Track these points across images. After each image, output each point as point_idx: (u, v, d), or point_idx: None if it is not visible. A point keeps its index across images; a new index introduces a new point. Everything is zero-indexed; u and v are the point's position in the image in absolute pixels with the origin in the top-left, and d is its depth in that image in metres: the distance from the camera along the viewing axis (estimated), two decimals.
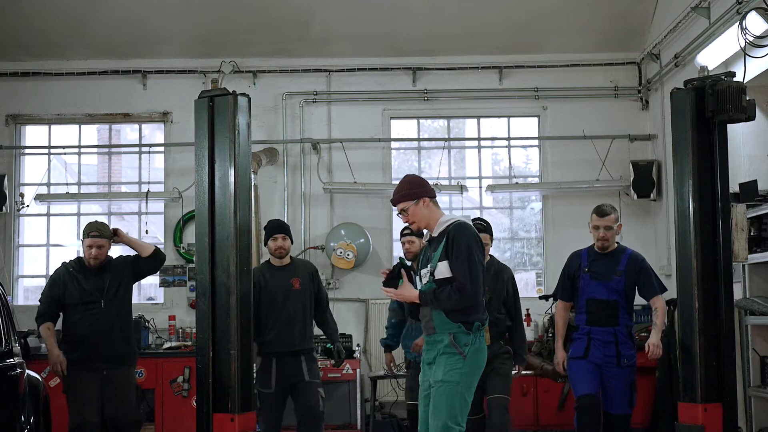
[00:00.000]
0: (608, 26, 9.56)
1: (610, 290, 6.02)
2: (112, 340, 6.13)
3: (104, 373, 6.09)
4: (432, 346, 4.71)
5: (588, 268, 6.11)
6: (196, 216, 5.67)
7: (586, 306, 6.07)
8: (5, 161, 9.79)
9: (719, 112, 5.56)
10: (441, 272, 4.65)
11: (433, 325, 4.68)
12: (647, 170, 9.36)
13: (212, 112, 5.56)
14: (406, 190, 4.85)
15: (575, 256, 6.27)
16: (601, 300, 6.01)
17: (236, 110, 5.51)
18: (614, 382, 6.00)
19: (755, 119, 5.87)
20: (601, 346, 6.00)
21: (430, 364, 4.70)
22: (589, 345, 6.02)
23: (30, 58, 9.81)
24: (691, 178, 5.63)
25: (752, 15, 6.71)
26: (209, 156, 5.53)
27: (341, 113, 9.92)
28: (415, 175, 5.09)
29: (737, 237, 5.70)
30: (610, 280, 6.02)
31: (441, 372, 4.60)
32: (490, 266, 5.93)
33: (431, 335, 4.71)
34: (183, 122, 9.60)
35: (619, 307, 6.01)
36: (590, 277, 6.07)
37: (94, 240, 6.21)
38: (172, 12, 9.38)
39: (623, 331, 6.03)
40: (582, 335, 6.09)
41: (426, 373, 4.74)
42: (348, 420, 8.57)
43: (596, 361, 6.00)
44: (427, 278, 4.75)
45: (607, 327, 6.00)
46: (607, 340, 5.99)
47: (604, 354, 5.99)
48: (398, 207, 4.86)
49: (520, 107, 10.00)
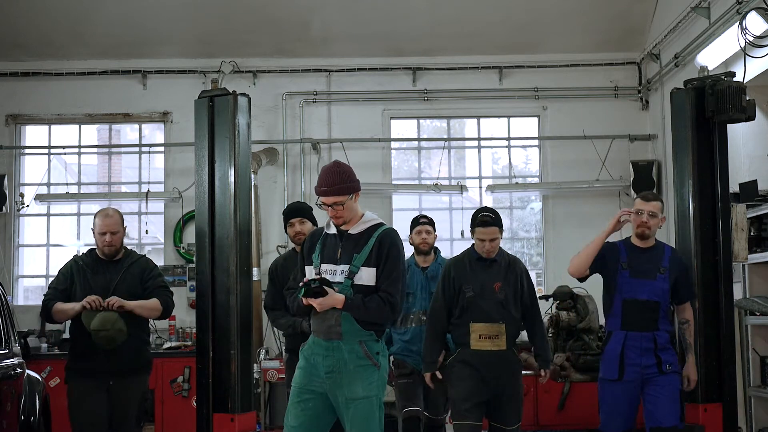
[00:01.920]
0: (608, 26, 9.56)
1: (652, 290, 5.24)
2: (124, 347, 5.48)
3: (111, 383, 5.51)
4: (332, 353, 4.25)
5: (627, 263, 5.31)
6: (196, 216, 5.67)
7: (622, 308, 5.26)
8: (5, 161, 9.79)
9: (719, 112, 5.56)
10: (363, 279, 4.26)
11: (339, 331, 4.23)
12: (647, 170, 9.36)
13: (212, 112, 5.55)
14: (344, 182, 4.28)
15: (612, 246, 5.42)
16: (641, 301, 5.23)
17: (236, 110, 5.51)
18: (660, 389, 5.17)
19: (755, 119, 5.86)
20: (638, 355, 5.18)
21: (331, 373, 4.24)
22: (623, 360, 5.19)
23: (30, 58, 9.81)
24: (691, 178, 5.62)
25: (752, 15, 6.71)
26: (209, 156, 5.53)
27: (341, 113, 9.92)
28: (344, 163, 4.46)
29: (737, 237, 5.70)
30: (654, 278, 5.26)
31: (360, 387, 4.24)
32: (501, 260, 5.46)
33: (333, 341, 4.25)
34: (183, 122, 9.60)
35: (660, 309, 5.24)
36: (630, 275, 5.28)
37: (107, 223, 5.58)
38: (172, 12, 9.38)
39: (664, 338, 5.24)
40: (615, 344, 5.25)
41: (314, 380, 4.28)
42: None
43: (634, 380, 5.18)
44: (339, 277, 4.28)
45: (645, 332, 5.20)
46: (645, 347, 5.19)
47: (641, 365, 5.17)
48: (331, 200, 4.26)
49: (520, 107, 10.00)
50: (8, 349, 5.87)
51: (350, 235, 4.34)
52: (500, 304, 5.31)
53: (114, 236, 5.60)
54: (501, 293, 5.32)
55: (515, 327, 5.40)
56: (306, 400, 4.29)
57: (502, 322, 5.28)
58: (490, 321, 5.28)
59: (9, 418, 5.54)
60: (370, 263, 4.27)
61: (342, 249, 4.32)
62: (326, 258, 4.35)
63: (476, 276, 5.37)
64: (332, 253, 4.35)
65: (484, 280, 5.35)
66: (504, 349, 5.29)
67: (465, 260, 5.47)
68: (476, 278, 5.36)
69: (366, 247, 4.29)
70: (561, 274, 7.82)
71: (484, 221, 5.35)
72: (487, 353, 5.27)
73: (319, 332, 4.31)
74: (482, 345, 5.28)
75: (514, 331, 5.38)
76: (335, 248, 4.35)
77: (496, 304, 5.31)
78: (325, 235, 4.43)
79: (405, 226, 6.47)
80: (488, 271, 5.39)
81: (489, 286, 5.34)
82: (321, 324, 4.29)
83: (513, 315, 5.35)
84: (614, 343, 5.27)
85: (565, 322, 6.83)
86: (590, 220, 9.52)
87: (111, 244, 5.60)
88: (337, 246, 4.35)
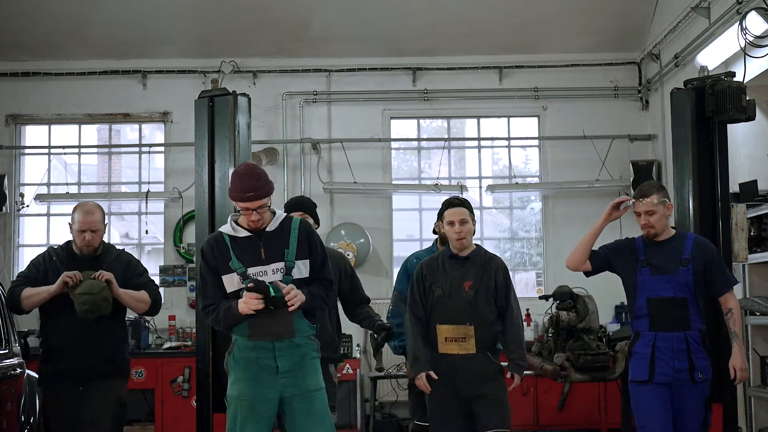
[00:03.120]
0: (608, 26, 9.56)
1: (676, 285, 4.87)
2: (94, 349, 5.04)
3: (80, 389, 5.06)
4: (285, 352, 4.17)
5: (647, 260, 4.97)
6: (196, 216, 5.68)
7: (647, 307, 4.91)
8: (5, 161, 9.79)
9: (719, 112, 5.57)
10: (301, 272, 4.25)
11: (293, 329, 4.19)
12: (647, 170, 9.35)
13: (212, 112, 5.57)
14: (266, 184, 4.25)
15: (629, 242, 5.15)
16: (666, 298, 4.86)
17: (236, 110, 5.52)
18: (686, 400, 4.85)
19: (755, 119, 5.87)
20: (670, 357, 4.82)
21: (288, 372, 4.16)
22: (653, 361, 4.84)
23: (30, 58, 9.81)
24: (691, 178, 5.63)
25: (752, 15, 6.71)
26: (209, 156, 5.54)
27: (341, 113, 9.92)
28: (256, 164, 4.40)
29: (737, 237, 5.70)
30: (675, 272, 4.88)
31: (317, 379, 4.24)
32: (475, 258, 5.01)
33: (285, 340, 4.17)
34: (183, 122, 9.60)
35: (689, 305, 4.87)
36: (650, 272, 4.93)
37: (88, 220, 5.09)
38: (172, 12, 9.38)
39: (696, 337, 4.87)
40: (644, 347, 4.89)
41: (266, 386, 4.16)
42: (348, 420, 8.57)
43: (664, 381, 4.84)
44: (274, 276, 4.20)
45: (675, 332, 4.84)
46: (677, 348, 4.83)
47: (674, 368, 4.82)
48: (257, 204, 4.19)
49: (520, 107, 10.00)
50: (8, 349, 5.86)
51: (269, 233, 4.26)
52: (469, 304, 4.87)
53: (94, 234, 5.12)
54: (471, 292, 4.88)
55: (487, 329, 4.89)
56: (263, 410, 4.16)
57: (470, 323, 4.84)
58: (456, 323, 4.86)
59: (9, 418, 5.54)
60: (303, 255, 4.26)
61: (264, 248, 4.22)
62: (247, 261, 4.19)
63: (447, 275, 4.97)
64: (254, 255, 4.21)
65: (455, 279, 4.94)
66: (473, 353, 4.84)
67: (438, 258, 5.09)
68: (446, 277, 4.96)
69: (292, 241, 4.25)
70: (561, 274, 7.81)
71: (451, 203, 5.02)
72: (454, 357, 4.85)
73: (265, 335, 4.17)
74: (449, 348, 4.87)
75: (486, 334, 4.89)
76: (255, 249, 4.22)
77: (464, 304, 4.87)
78: (232, 239, 4.25)
79: (405, 226, 6.47)
80: (460, 269, 4.97)
81: (459, 285, 4.92)
82: (271, 326, 4.16)
83: (485, 316, 4.88)
84: (643, 345, 4.90)
85: (565, 322, 6.82)
86: (590, 220, 9.41)
87: (90, 244, 5.13)
88: (256, 246, 4.22)
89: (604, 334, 7.53)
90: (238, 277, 4.19)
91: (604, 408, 8.13)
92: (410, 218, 10.19)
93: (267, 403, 4.17)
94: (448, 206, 5.02)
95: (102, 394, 5.07)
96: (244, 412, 4.15)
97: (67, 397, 5.06)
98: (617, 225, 9.33)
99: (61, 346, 5.05)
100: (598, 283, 5.60)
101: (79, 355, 5.01)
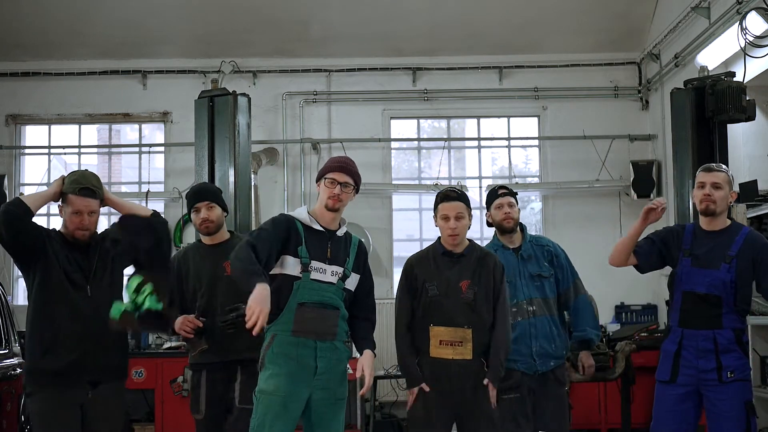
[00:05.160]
0: (608, 26, 9.56)
1: (712, 282, 4.47)
2: (102, 343, 4.24)
3: (88, 395, 4.23)
4: (326, 353, 4.08)
5: (690, 250, 4.55)
6: None
7: (682, 301, 4.54)
8: (5, 161, 9.79)
9: (719, 112, 5.58)
10: (350, 284, 4.28)
11: (336, 331, 4.14)
12: (647, 170, 9.36)
13: (212, 112, 5.58)
14: (358, 173, 4.31)
15: (677, 231, 4.71)
16: (700, 294, 4.48)
17: (236, 110, 5.53)
18: (720, 404, 4.41)
19: (755, 119, 5.88)
20: (696, 357, 4.46)
21: (324, 374, 4.06)
22: (677, 361, 4.50)
23: (30, 58, 9.81)
24: (691, 178, 5.64)
25: (752, 15, 6.71)
26: (209, 156, 5.55)
27: (341, 113, 9.92)
28: None
29: None
30: (717, 267, 4.47)
31: (345, 387, 4.19)
32: (470, 254, 4.60)
33: (326, 341, 4.09)
34: (183, 122, 9.59)
35: (723, 304, 4.46)
36: (691, 263, 4.53)
37: (85, 202, 4.35)
38: (172, 12, 9.38)
39: (727, 336, 4.46)
40: (671, 343, 4.56)
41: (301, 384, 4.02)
42: (348, 420, 8.56)
43: (689, 384, 4.48)
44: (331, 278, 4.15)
45: (704, 330, 4.46)
46: (703, 347, 4.45)
47: (698, 369, 4.44)
48: (345, 179, 4.19)
49: (520, 107, 10.00)
50: (8, 349, 5.88)
51: (337, 237, 4.20)
52: (467, 305, 4.48)
53: (92, 218, 4.38)
54: (469, 293, 4.50)
55: (485, 334, 4.49)
56: (294, 409, 4.04)
57: (467, 326, 4.44)
58: (453, 325, 4.45)
59: (9, 418, 5.55)
60: (357, 269, 4.23)
61: (331, 249, 4.16)
62: (314, 255, 4.10)
63: (441, 273, 4.55)
64: (321, 251, 4.12)
65: (450, 278, 4.53)
66: (469, 359, 4.44)
67: (429, 255, 4.65)
68: (441, 275, 4.54)
69: (352, 252, 4.23)
70: None
71: (446, 195, 4.57)
72: (448, 363, 4.45)
73: (309, 332, 4.05)
74: (443, 352, 4.46)
75: (483, 339, 4.48)
76: (323, 246, 4.14)
77: (462, 305, 4.48)
78: (307, 228, 4.13)
79: (405, 226, 6.46)
80: (455, 267, 4.55)
81: (455, 284, 4.51)
82: (316, 324, 4.06)
83: (483, 319, 4.49)
84: (670, 342, 4.57)
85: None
86: (590, 220, 9.55)
87: (86, 228, 4.35)
88: (324, 244, 4.15)
89: (604, 334, 7.54)
90: (300, 266, 4.06)
91: (604, 408, 8.12)
92: (410, 218, 10.20)
93: (299, 402, 4.04)
94: (444, 199, 4.57)
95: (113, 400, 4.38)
96: (276, 408, 3.99)
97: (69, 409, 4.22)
98: (617, 225, 9.38)
99: (71, 333, 4.20)
100: (598, 283, 5.59)
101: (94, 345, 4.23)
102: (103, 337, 4.22)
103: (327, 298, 4.10)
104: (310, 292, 4.06)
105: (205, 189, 4.90)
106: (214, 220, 4.74)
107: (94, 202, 4.39)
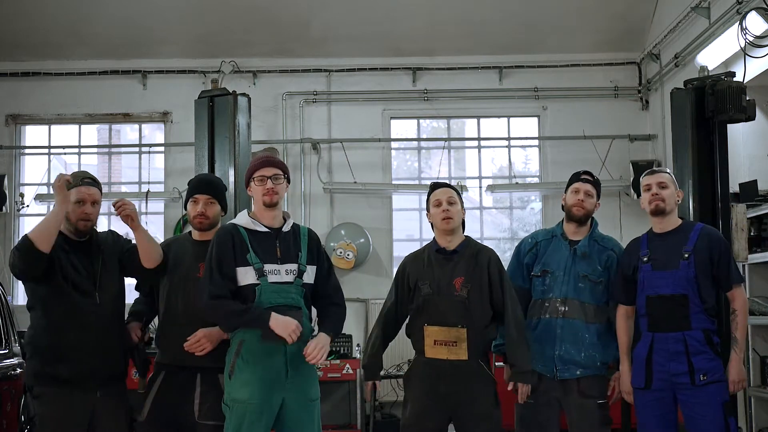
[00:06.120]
0: (608, 26, 9.57)
1: (676, 281, 4.44)
2: (111, 349, 4.31)
3: (97, 395, 4.24)
4: (297, 356, 4.01)
5: (648, 255, 4.55)
6: None
7: (648, 306, 4.50)
8: (5, 161, 9.80)
9: (719, 112, 5.56)
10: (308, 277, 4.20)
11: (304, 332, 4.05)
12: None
13: (212, 112, 5.58)
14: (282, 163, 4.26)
15: (634, 244, 4.71)
16: (665, 296, 4.45)
17: (236, 110, 5.53)
18: (695, 407, 4.38)
19: (755, 119, 5.87)
20: (667, 360, 4.42)
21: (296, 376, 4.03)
22: (650, 367, 4.45)
23: (30, 58, 9.82)
24: (691, 178, 5.62)
25: (752, 15, 6.72)
26: (209, 156, 5.55)
27: (341, 113, 9.92)
28: None
29: (737, 237, 5.69)
30: (676, 266, 4.46)
31: (316, 388, 4.15)
32: (464, 251, 4.48)
33: (296, 343, 3.99)
34: (183, 122, 9.60)
35: (690, 303, 4.42)
36: (652, 267, 4.53)
37: (89, 190, 4.41)
38: (172, 12, 9.39)
39: (697, 337, 4.40)
40: (642, 348, 4.52)
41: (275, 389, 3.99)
42: (348, 420, 8.56)
43: (664, 389, 4.44)
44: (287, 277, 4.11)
45: (673, 332, 4.42)
46: (673, 350, 4.41)
47: (670, 373, 4.41)
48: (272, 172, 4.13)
49: (520, 107, 10.00)
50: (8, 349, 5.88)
51: (284, 233, 4.14)
52: (461, 304, 4.37)
53: (94, 208, 4.43)
54: (463, 291, 4.38)
55: (481, 333, 4.40)
56: (268, 416, 3.98)
57: (462, 326, 4.35)
58: (446, 324, 4.37)
59: (9, 418, 5.55)
60: (312, 261, 4.17)
61: (280, 248, 4.10)
62: (263, 258, 4.04)
63: (434, 271, 4.45)
64: (270, 253, 4.07)
65: (443, 276, 4.43)
66: (464, 360, 4.35)
67: (423, 254, 4.56)
68: (434, 273, 4.45)
69: (303, 244, 4.17)
70: None
71: (437, 184, 4.55)
72: (442, 363, 4.37)
73: (278, 336, 3.94)
74: (437, 353, 4.38)
75: (479, 339, 4.39)
76: (271, 246, 4.09)
77: (455, 304, 4.38)
78: (249, 232, 4.09)
79: (405, 226, 6.46)
80: (448, 264, 4.45)
81: (449, 282, 4.41)
82: None
83: (479, 318, 4.39)
84: (641, 347, 4.53)
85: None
86: None
87: (88, 218, 4.39)
88: (272, 244, 4.09)
89: None
90: (255, 272, 4.02)
91: None
92: (410, 218, 10.20)
93: (273, 407, 4.00)
94: (435, 187, 4.54)
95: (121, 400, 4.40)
96: (252, 417, 3.94)
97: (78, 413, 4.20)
98: (617, 225, 9.37)
99: (80, 340, 4.20)
100: None
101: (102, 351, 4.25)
102: (111, 342, 4.29)
103: (290, 300, 4.06)
104: (273, 295, 4.03)
105: (210, 182, 4.66)
106: (210, 216, 4.51)
107: (96, 191, 4.44)
